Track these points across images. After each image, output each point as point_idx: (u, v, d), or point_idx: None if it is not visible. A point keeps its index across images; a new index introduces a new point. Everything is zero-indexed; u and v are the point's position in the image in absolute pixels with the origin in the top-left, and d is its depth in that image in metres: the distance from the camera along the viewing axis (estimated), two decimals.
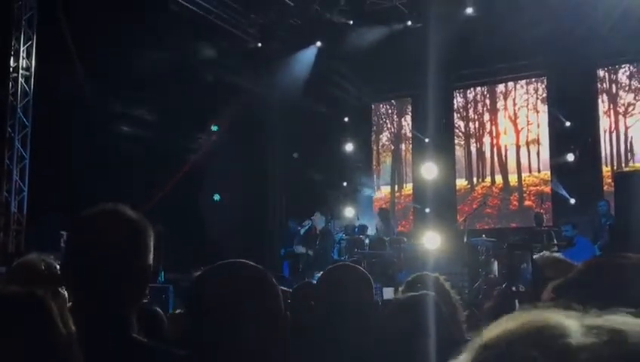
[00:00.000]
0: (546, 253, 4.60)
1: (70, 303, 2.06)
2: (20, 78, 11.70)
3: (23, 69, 11.74)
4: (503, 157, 15.67)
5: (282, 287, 3.86)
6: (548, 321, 0.70)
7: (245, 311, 1.66)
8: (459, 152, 16.22)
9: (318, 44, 15.44)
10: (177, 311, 5.27)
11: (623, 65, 14.49)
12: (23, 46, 11.73)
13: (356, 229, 14.00)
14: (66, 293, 2.40)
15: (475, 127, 16.22)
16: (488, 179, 15.80)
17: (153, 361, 1.76)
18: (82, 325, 1.75)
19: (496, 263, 11.18)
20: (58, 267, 2.69)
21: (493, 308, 3.13)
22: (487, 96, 16.10)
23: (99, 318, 1.74)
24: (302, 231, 13.74)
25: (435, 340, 1.93)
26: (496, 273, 10.97)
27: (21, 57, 11.72)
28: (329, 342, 2.14)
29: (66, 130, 10.86)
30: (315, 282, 3.67)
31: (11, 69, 11.66)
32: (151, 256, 1.84)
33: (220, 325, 1.64)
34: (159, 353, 1.80)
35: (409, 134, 16.89)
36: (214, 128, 14.63)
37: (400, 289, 2.88)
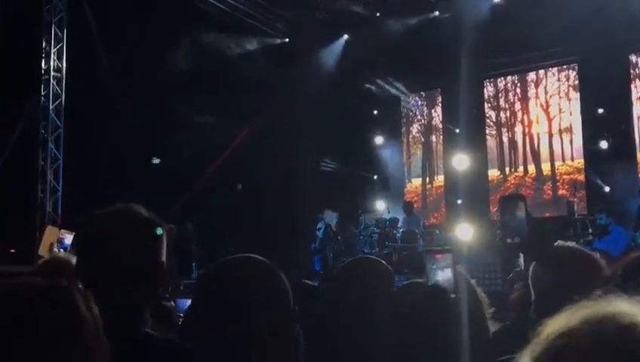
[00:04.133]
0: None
1: None
2: (51, 80, 11.88)
3: (54, 70, 11.92)
4: (536, 146, 15.48)
5: (308, 281, 3.84)
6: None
7: (253, 306, 1.66)
8: (490, 142, 16.06)
9: (346, 37, 15.40)
10: None
11: None
12: (54, 48, 11.90)
13: (387, 222, 13.97)
14: None
15: (506, 117, 16.05)
16: (521, 168, 15.63)
17: (164, 355, 1.78)
18: None
19: (521, 256, 10.99)
20: None
21: (519, 298, 3.09)
22: (518, 84, 15.92)
23: (112, 314, 1.76)
24: (320, 234, 13.39)
25: (463, 332, 1.91)
26: (522, 266, 10.77)
27: (52, 59, 11.90)
28: (344, 336, 2.14)
29: (98, 129, 10.99)
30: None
31: (43, 72, 11.85)
32: (164, 254, 1.87)
33: (227, 320, 1.64)
34: (171, 347, 1.82)
35: (439, 125, 16.79)
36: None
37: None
